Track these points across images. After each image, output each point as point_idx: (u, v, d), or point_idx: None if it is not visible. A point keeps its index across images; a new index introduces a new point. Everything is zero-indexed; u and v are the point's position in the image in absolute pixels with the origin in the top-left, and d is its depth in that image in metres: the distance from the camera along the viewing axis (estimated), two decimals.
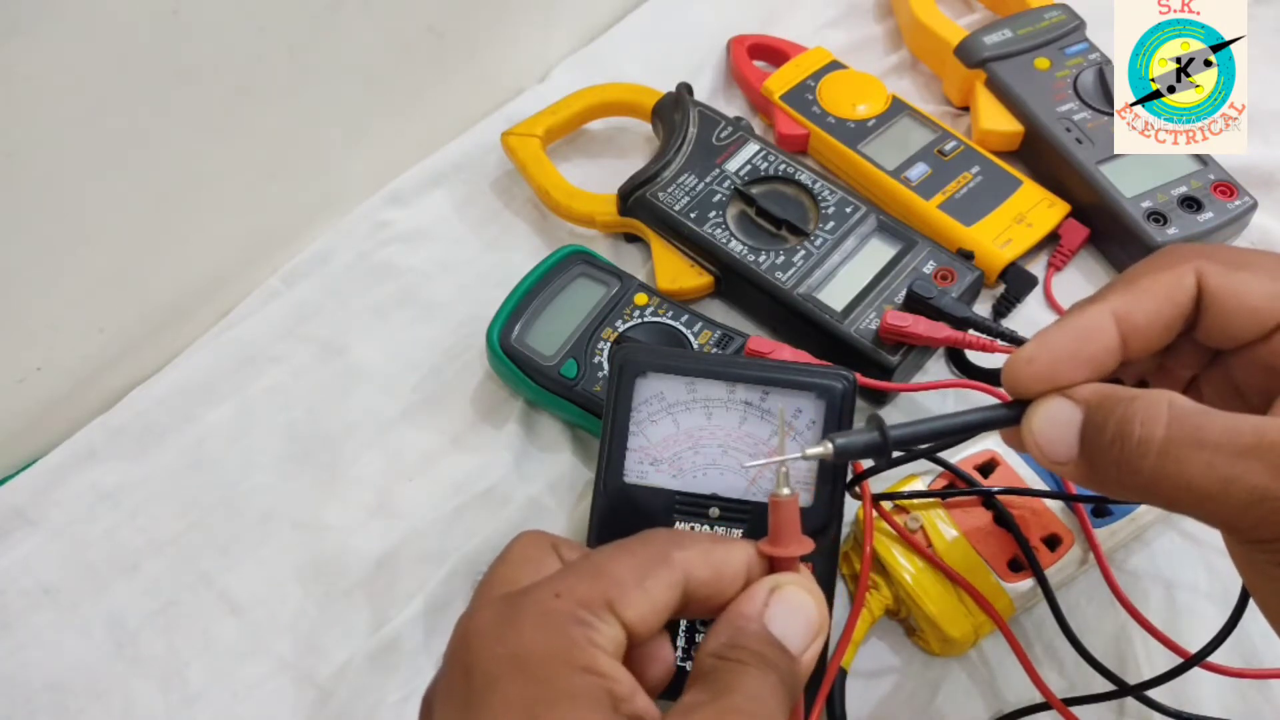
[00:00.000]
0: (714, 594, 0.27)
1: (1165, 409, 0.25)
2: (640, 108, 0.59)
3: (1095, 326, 0.28)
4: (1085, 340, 0.28)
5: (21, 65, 0.40)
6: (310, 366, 0.52)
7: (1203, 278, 0.28)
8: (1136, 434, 0.25)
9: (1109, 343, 0.28)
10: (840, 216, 0.52)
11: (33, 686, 0.43)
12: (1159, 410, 0.25)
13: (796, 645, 0.26)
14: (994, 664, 0.42)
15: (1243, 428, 0.24)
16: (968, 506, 0.42)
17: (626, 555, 0.26)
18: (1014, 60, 0.58)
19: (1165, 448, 0.25)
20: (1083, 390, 0.27)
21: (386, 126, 0.58)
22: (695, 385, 0.40)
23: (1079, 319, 0.28)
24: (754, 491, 0.39)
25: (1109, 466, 0.26)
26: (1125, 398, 0.26)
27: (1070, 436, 0.27)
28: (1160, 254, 0.29)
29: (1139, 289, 0.28)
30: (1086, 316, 0.28)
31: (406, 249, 0.56)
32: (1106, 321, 0.28)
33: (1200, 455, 0.24)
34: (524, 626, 0.24)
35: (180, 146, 0.48)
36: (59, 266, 0.47)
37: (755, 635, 0.26)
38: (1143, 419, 0.25)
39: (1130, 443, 0.25)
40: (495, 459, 0.48)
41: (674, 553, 0.26)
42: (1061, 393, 0.27)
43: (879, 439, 0.29)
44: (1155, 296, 0.28)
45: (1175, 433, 0.25)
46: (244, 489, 0.48)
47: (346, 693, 0.42)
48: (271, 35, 0.49)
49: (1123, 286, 0.29)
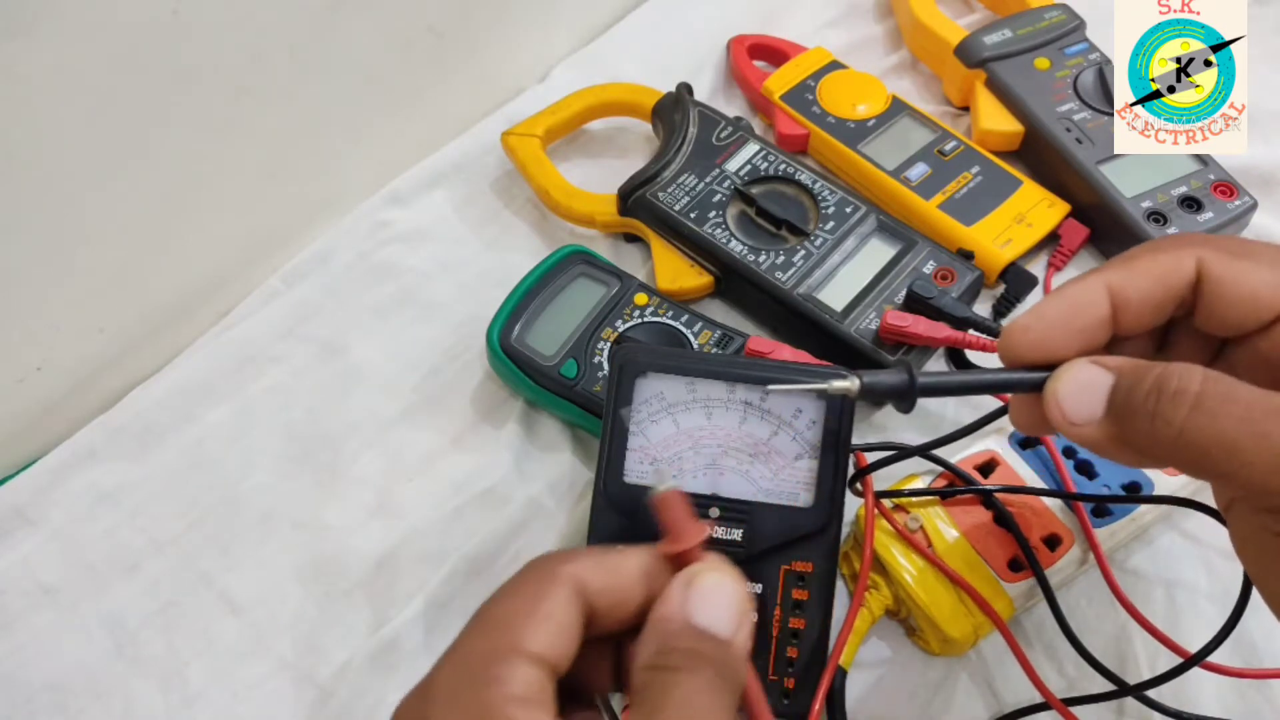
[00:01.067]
0: (618, 601, 0.26)
1: (1199, 373, 0.26)
2: (640, 108, 0.59)
3: (1088, 299, 0.29)
4: (1078, 311, 0.29)
5: (21, 65, 0.40)
6: (310, 366, 0.52)
7: (1203, 264, 0.28)
8: (1174, 386, 0.26)
9: (1101, 315, 0.29)
10: (840, 216, 0.52)
11: (33, 686, 0.43)
12: (1194, 370, 0.26)
13: (725, 629, 0.25)
14: (994, 664, 0.42)
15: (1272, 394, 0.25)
16: (968, 506, 0.42)
17: (513, 592, 0.26)
18: (1014, 60, 0.58)
19: (1200, 400, 0.25)
20: (1113, 360, 0.28)
21: (386, 126, 0.58)
22: (695, 385, 0.40)
23: (1073, 290, 0.29)
24: (755, 492, 0.39)
25: (1142, 420, 0.27)
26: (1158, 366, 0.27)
27: (1097, 398, 0.28)
28: (1164, 239, 0.30)
29: (1136, 267, 0.29)
30: (1081, 289, 0.29)
31: (406, 249, 0.56)
32: (1100, 295, 0.29)
33: (1235, 408, 0.25)
34: (437, 709, 0.24)
35: (180, 146, 0.48)
36: (59, 266, 0.47)
37: (681, 633, 0.25)
38: (1180, 375, 0.26)
39: (1167, 395, 0.26)
40: (495, 459, 0.48)
41: (561, 569, 0.26)
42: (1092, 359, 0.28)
43: (906, 381, 0.30)
44: (1150, 275, 0.29)
45: (1210, 388, 0.26)
46: (244, 489, 0.48)
47: (346, 693, 0.42)
48: (271, 35, 0.49)
49: (1120, 263, 0.29)
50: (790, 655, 0.38)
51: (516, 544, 0.46)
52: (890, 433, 0.49)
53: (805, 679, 0.38)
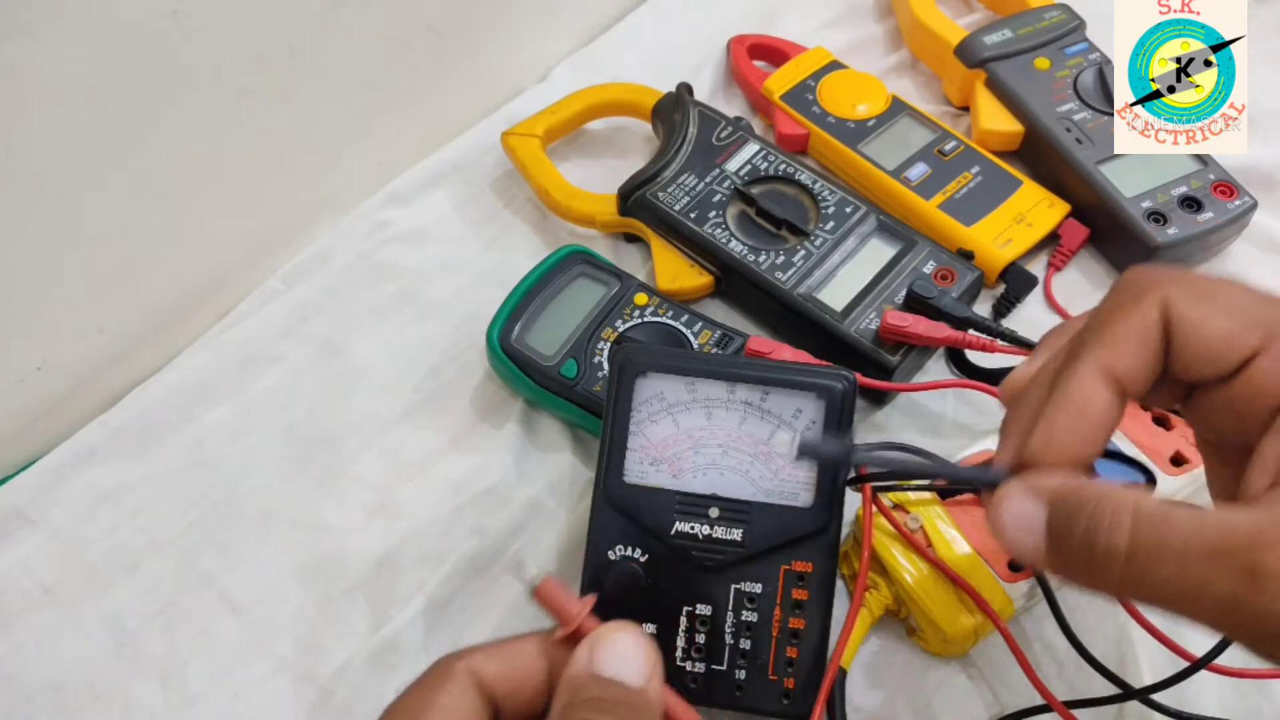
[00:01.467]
0: (518, 686, 0.27)
1: (1129, 516, 0.24)
2: (640, 108, 0.59)
3: (1090, 397, 0.27)
4: (1086, 414, 0.27)
5: (22, 65, 0.40)
6: (310, 366, 0.52)
7: (1168, 308, 0.26)
8: (1102, 542, 0.24)
9: (1108, 404, 0.27)
10: (840, 216, 0.52)
11: (33, 686, 0.43)
12: (1122, 518, 0.24)
13: (634, 678, 0.26)
14: (994, 664, 0.42)
15: (1208, 529, 0.24)
16: (968, 506, 0.42)
17: (411, 691, 0.27)
18: (1014, 60, 0.58)
19: (1132, 554, 0.24)
20: (1048, 483, 0.26)
21: (386, 126, 0.58)
22: (695, 385, 0.40)
23: (1073, 393, 0.27)
24: (754, 492, 0.39)
25: (1079, 569, 0.25)
26: (1090, 499, 0.25)
27: (1037, 533, 0.26)
28: (1125, 284, 0.27)
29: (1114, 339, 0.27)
30: (1078, 388, 0.27)
31: (406, 249, 0.56)
32: (1097, 387, 0.27)
33: (1167, 562, 0.24)
34: None
35: (180, 146, 0.48)
36: (59, 266, 0.47)
37: (589, 684, 0.26)
38: (1108, 526, 0.24)
39: (1097, 550, 0.25)
40: (495, 459, 0.48)
41: (455, 663, 0.27)
42: (1027, 484, 0.27)
43: (841, 451, 0.30)
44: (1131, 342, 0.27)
45: (1140, 539, 0.24)
46: (244, 489, 0.48)
47: (346, 693, 0.42)
48: (271, 35, 0.49)
49: (1099, 337, 0.27)
50: (790, 655, 0.38)
51: (516, 544, 0.46)
52: (890, 433, 0.49)
53: (805, 679, 0.38)
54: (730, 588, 0.39)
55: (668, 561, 0.39)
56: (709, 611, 0.39)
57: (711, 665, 0.38)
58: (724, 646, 0.38)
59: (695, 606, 0.39)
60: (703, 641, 0.38)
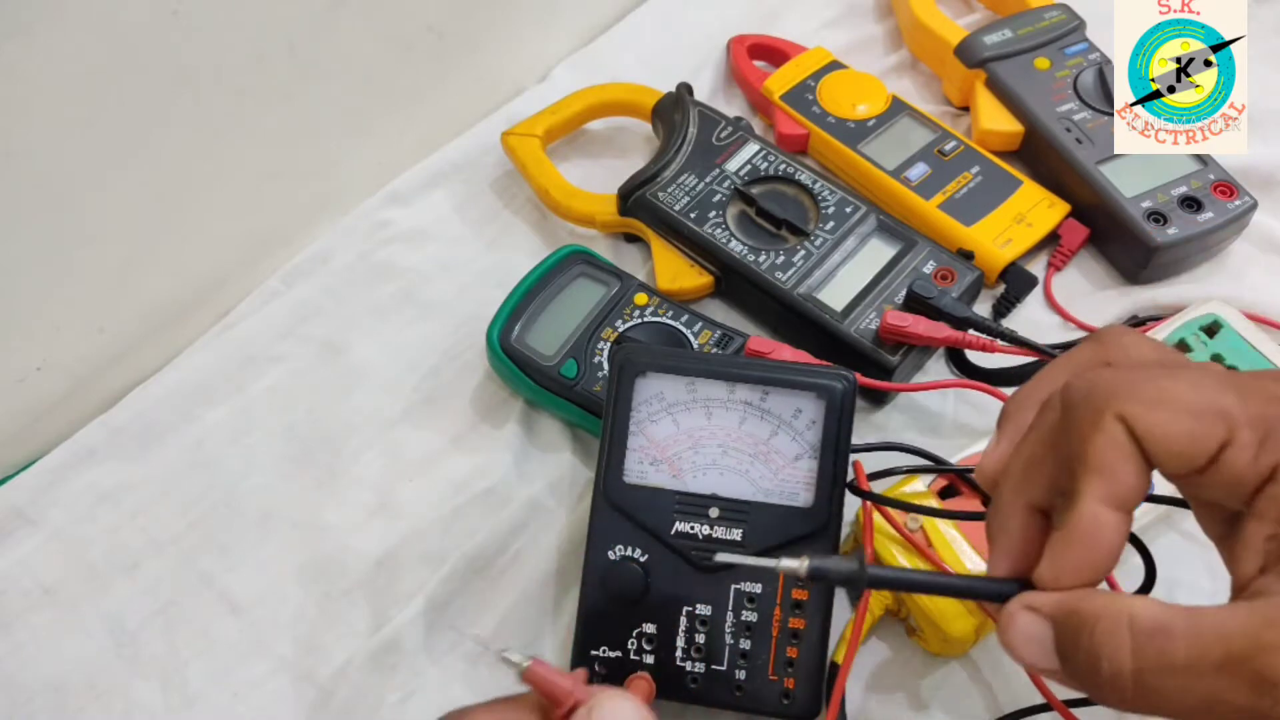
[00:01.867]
0: None
1: (1126, 635, 0.24)
2: (640, 108, 0.59)
3: (1100, 530, 0.26)
4: (1098, 546, 0.26)
5: (21, 65, 0.40)
6: (310, 366, 0.52)
7: (1129, 422, 0.26)
8: (1105, 670, 0.24)
9: (1117, 528, 0.26)
10: (840, 216, 0.52)
11: (33, 686, 0.43)
12: (1121, 639, 0.24)
13: None
14: (994, 664, 0.42)
15: (1208, 640, 0.23)
16: (967, 506, 0.42)
17: None
18: (1014, 60, 0.58)
19: (1138, 678, 0.24)
20: (1047, 604, 0.26)
21: (386, 126, 0.58)
22: (695, 385, 0.40)
23: (1082, 524, 0.26)
24: (754, 492, 0.39)
25: (1094, 690, 0.25)
26: (1089, 618, 0.25)
27: (1047, 651, 0.26)
28: (1077, 403, 0.27)
29: (1105, 466, 0.26)
30: (1091, 521, 0.26)
31: (406, 249, 0.56)
32: (1106, 516, 0.26)
33: (1173, 680, 0.23)
34: None
35: (180, 146, 0.48)
36: (59, 266, 0.47)
37: None
38: (1108, 653, 0.24)
39: (1103, 677, 0.24)
40: (495, 459, 0.48)
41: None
42: (1028, 605, 0.27)
43: (857, 571, 0.28)
44: (1120, 463, 0.26)
45: (1142, 662, 0.24)
46: (244, 489, 0.48)
47: (346, 693, 0.42)
48: (271, 35, 0.49)
49: (1089, 467, 0.26)
50: (790, 655, 0.38)
51: (516, 544, 0.46)
52: (890, 433, 0.49)
53: (805, 679, 0.38)
54: (730, 588, 0.39)
55: (668, 561, 0.39)
56: (709, 611, 0.39)
57: (711, 665, 0.38)
58: (724, 646, 0.38)
59: (695, 606, 0.39)
60: (703, 641, 0.38)
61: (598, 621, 0.39)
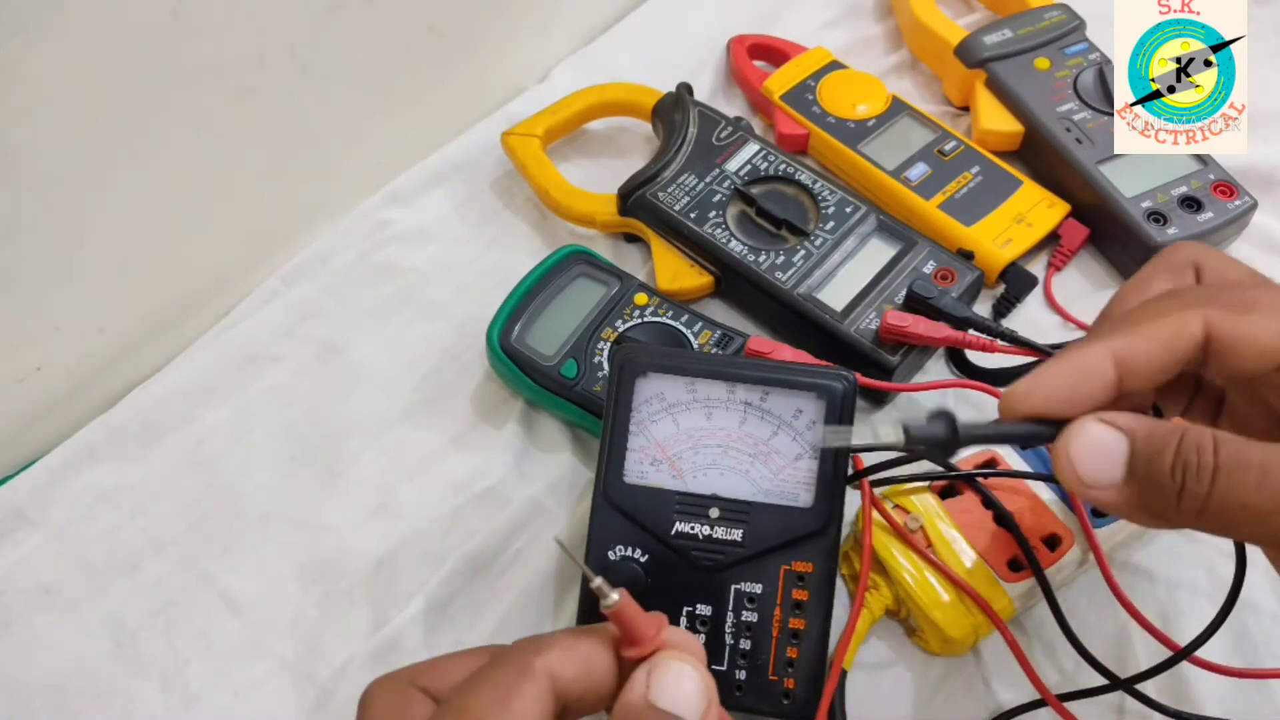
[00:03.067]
0: (591, 688, 0.27)
1: (1210, 438, 0.26)
2: (640, 108, 0.59)
3: (1093, 367, 0.28)
4: (1082, 379, 0.28)
5: (21, 65, 0.40)
6: (310, 366, 0.52)
7: (1211, 326, 0.28)
8: (1195, 463, 0.26)
9: (1105, 382, 0.28)
10: (840, 216, 0.52)
11: (33, 686, 0.43)
12: (1206, 438, 0.26)
13: (689, 713, 0.26)
14: (994, 664, 0.42)
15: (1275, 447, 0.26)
16: (967, 506, 0.42)
17: (486, 684, 0.26)
18: (1014, 60, 0.58)
19: (1219, 472, 0.26)
20: (1122, 419, 0.28)
21: (386, 126, 0.58)
22: (695, 385, 0.40)
23: (1078, 358, 0.28)
24: (755, 492, 0.39)
25: (1167, 493, 0.27)
26: (1173, 429, 0.27)
27: (1114, 463, 0.27)
28: (1166, 296, 0.29)
29: (1142, 333, 0.28)
30: (1086, 356, 0.28)
31: (406, 249, 0.56)
32: (1105, 363, 0.28)
33: (1250, 475, 0.26)
34: None
35: (180, 146, 0.48)
36: (59, 266, 0.47)
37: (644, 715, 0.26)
38: (1198, 446, 0.26)
39: (1191, 471, 0.26)
40: (495, 459, 0.48)
41: (534, 661, 0.26)
42: (1106, 418, 0.28)
43: (950, 433, 0.29)
44: (1158, 341, 0.28)
45: (1225, 459, 0.26)
46: (244, 489, 0.48)
47: (346, 693, 0.42)
48: (272, 35, 0.49)
49: (1126, 327, 0.29)
50: (790, 655, 0.38)
51: (516, 544, 0.46)
52: None
53: (805, 679, 0.38)
54: (730, 588, 0.39)
55: (668, 561, 0.39)
56: (709, 611, 0.39)
57: (712, 665, 0.38)
58: (724, 646, 0.38)
59: (695, 606, 0.39)
60: (703, 641, 0.38)
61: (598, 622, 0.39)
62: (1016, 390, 0.29)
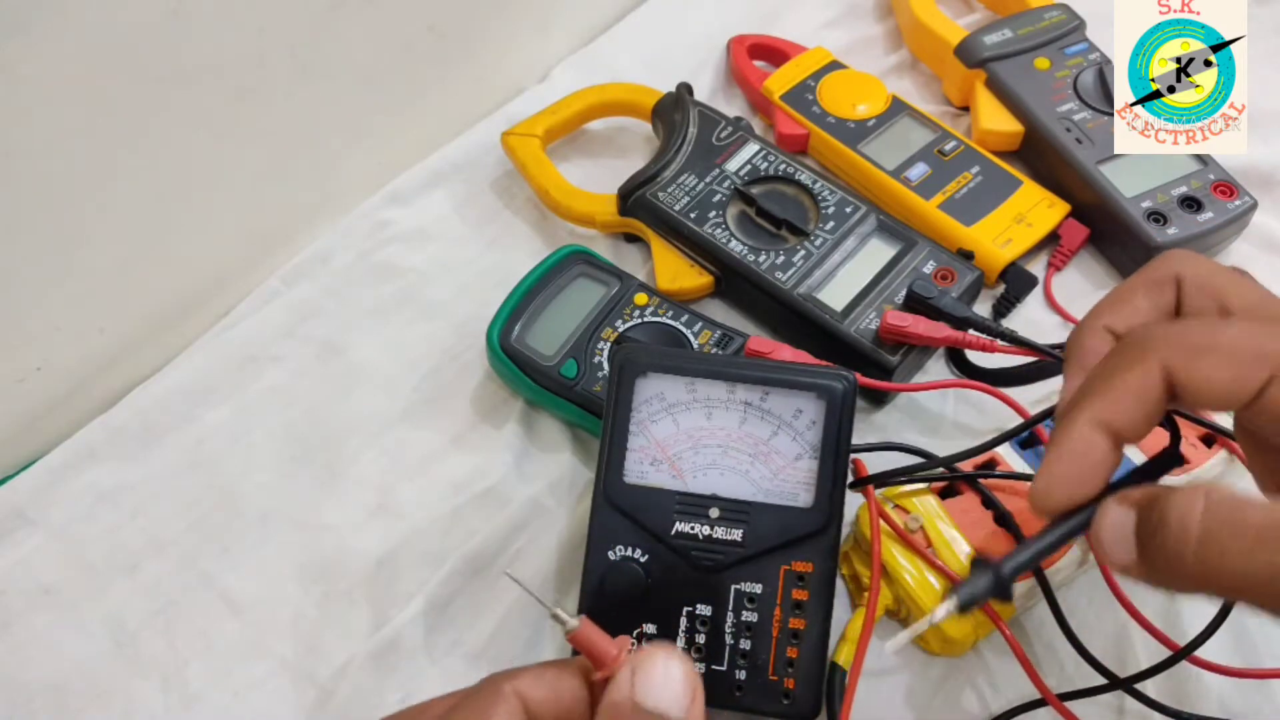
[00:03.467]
0: (561, 712, 0.27)
1: (1200, 500, 0.26)
2: (640, 108, 0.59)
3: (1086, 444, 0.28)
4: (1084, 462, 0.29)
5: (21, 65, 0.40)
6: (310, 366, 0.52)
7: (1168, 374, 0.28)
8: (1173, 524, 0.26)
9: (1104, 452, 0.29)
10: (840, 216, 0.52)
11: (33, 686, 0.43)
12: (1195, 501, 0.26)
13: (675, 710, 0.26)
14: (994, 664, 0.42)
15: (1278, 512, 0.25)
16: (967, 506, 0.42)
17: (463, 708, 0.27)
18: (1014, 60, 0.58)
19: (1204, 536, 0.25)
20: (1134, 493, 0.28)
21: (386, 126, 0.58)
22: (695, 385, 0.40)
23: (1070, 443, 0.29)
24: (755, 492, 0.39)
25: (1160, 560, 0.26)
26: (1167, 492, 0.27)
27: (1128, 539, 0.27)
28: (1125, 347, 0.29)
29: (1113, 394, 0.28)
30: (1075, 439, 0.29)
31: (406, 249, 0.56)
32: (1095, 435, 0.28)
33: (1240, 543, 0.25)
34: None
35: (180, 146, 0.48)
36: (59, 266, 0.47)
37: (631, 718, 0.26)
38: (1180, 511, 0.26)
39: (1170, 533, 0.26)
40: (495, 459, 0.48)
41: (503, 685, 0.27)
42: (1118, 499, 0.28)
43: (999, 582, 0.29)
44: (1129, 397, 0.28)
45: (1211, 521, 0.25)
46: (244, 489, 0.48)
47: (346, 693, 0.42)
48: (272, 35, 0.49)
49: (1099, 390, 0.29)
50: (790, 655, 0.38)
51: (516, 544, 0.46)
52: (890, 433, 0.49)
53: (805, 679, 0.38)
54: (730, 588, 0.39)
55: (668, 561, 0.39)
56: (709, 612, 0.39)
57: (711, 665, 0.38)
58: (724, 646, 0.38)
59: (695, 607, 0.39)
60: (703, 642, 0.38)
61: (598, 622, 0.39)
62: (1036, 494, 0.29)
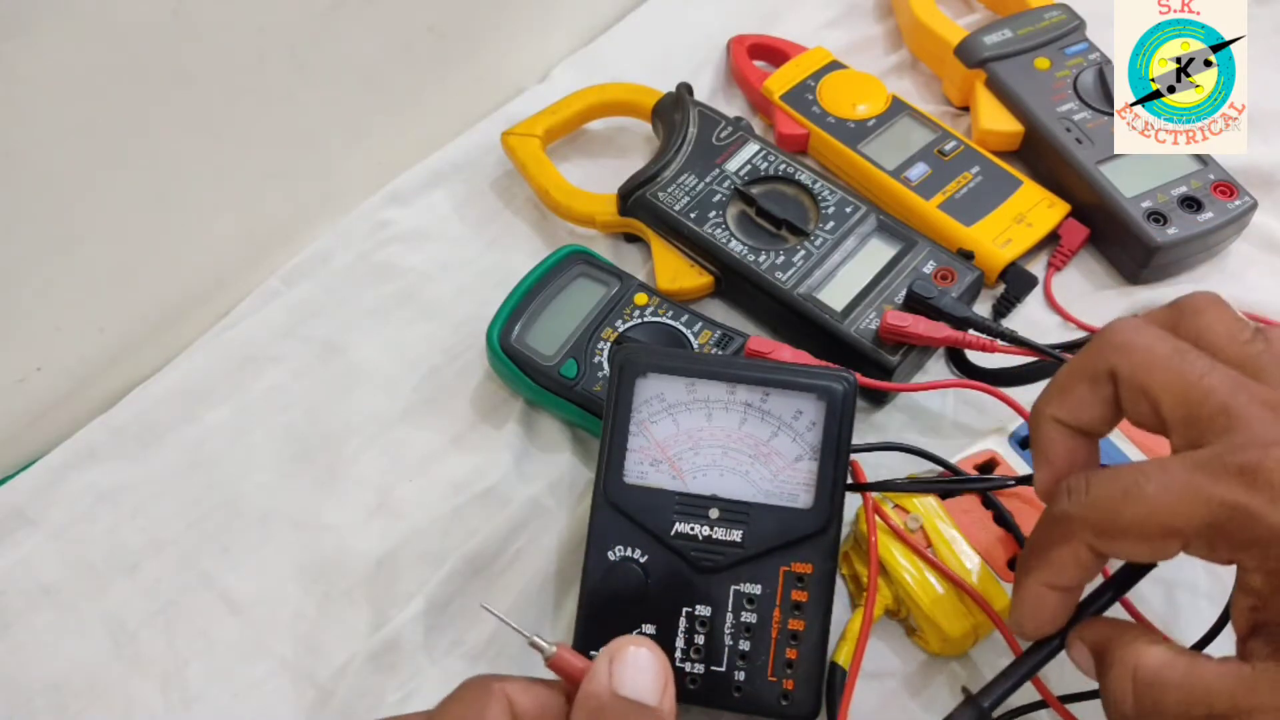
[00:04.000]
0: None
1: (1130, 684, 0.29)
2: (640, 108, 0.59)
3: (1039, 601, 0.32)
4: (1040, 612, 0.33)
5: (21, 65, 0.40)
6: (310, 366, 0.52)
7: (1097, 548, 0.30)
8: (1115, 708, 0.29)
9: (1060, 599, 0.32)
10: (840, 216, 0.52)
11: (33, 686, 0.43)
12: (1125, 687, 0.29)
13: (651, 697, 0.27)
14: (994, 664, 0.42)
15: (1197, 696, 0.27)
16: (967, 506, 0.42)
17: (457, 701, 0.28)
18: (1014, 60, 0.58)
19: (1140, 691, 0.29)
20: (1089, 634, 0.32)
21: (386, 126, 0.58)
22: (695, 386, 0.40)
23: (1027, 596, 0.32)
24: (755, 493, 0.39)
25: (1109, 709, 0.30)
26: (1108, 662, 0.30)
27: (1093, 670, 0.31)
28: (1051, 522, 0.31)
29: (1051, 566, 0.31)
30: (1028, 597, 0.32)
31: (406, 249, 0.56)
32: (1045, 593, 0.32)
33: (1170, 694, 0.28)
34: None
35: (180, 146, 0.48)
36: (59, 266, 0.47)
37: (609, 706, 0.27)
38: (1116, 696, 0.29)
39: (1111, 697, 0.30)
40: (495, 459, 0.48)
41: (493, 685, 0.28)
42: (1079, 635, 0.32)
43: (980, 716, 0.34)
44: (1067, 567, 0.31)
45: (1141, 708, 0.29)
46: (244, 489, 0.48)
47: (346, 693, 0.42)
48: (272, 35, 0.49)
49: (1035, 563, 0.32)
50: (789, 656, 0.38)
51: (516, 544, 0.46)
52: (890, 433, 0.49)
53: (804, 680, 0.38)
54: (730, 589, 0.39)
55: (667, 562, 0.39)
56: (708, 612, 0.39)
57: (711, 666, 0.38)
58: (723, 647, 0.38)
59: (695, 607, 0.39)
60: (702, 642, 0.38)
61: (597, 622, 0.39)
62: (1012, 625, 0.34)
